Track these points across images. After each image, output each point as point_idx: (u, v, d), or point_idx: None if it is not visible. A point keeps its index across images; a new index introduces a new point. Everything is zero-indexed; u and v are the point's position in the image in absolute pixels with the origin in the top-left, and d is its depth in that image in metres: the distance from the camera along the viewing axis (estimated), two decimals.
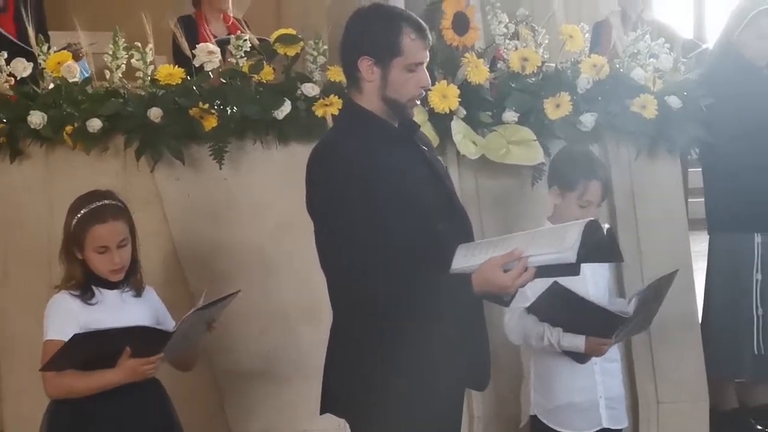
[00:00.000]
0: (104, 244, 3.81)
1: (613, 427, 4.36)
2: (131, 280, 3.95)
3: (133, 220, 3.96)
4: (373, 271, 3.30)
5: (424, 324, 3.35)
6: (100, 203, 3.85)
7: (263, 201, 4.97)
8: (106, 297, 3.87)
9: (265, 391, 5.00)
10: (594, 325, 4.07)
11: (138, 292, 3.97)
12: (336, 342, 3.59)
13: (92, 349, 3.68)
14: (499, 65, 5.17)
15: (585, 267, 3.36)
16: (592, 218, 3.35)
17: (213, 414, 4.96)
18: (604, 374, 4.34)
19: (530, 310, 4.10)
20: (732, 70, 5.49)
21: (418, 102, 3.60)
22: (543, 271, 3.29)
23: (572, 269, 3.26)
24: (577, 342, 4.12)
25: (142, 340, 3.70)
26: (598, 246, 3.29)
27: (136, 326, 3.71)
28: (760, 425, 5.74)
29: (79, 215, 3.83)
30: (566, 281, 3.61)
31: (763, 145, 5.34)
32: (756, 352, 5.50)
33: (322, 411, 3.64)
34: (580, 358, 4.18)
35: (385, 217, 3.33)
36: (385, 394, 3.41)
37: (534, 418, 4.40)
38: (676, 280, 4.84)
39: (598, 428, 4.32)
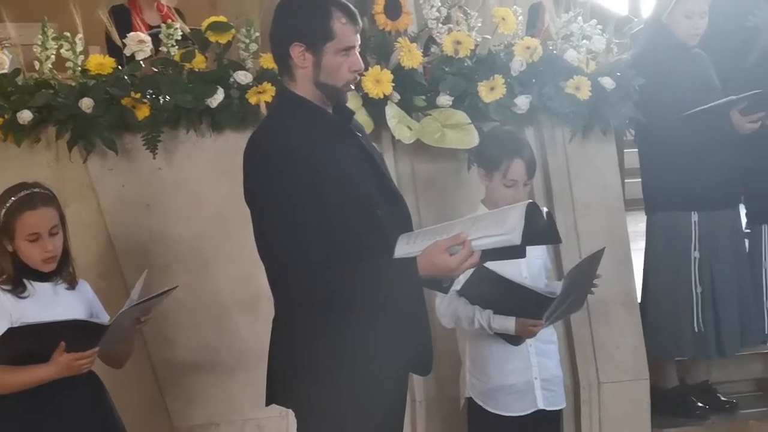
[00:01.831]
0: (36, 231, 3.76)
1: (549, 409, 4.38)
2: (63, 272, 3.90)
3: (63, 210, 3.92)
4: (315, 258, 3.28)
5: (367, 311, 3.34)
6: (29, 191, 3.82)
7: (198, 190, 4.94)
8: (39, 290, 3.82)
9: (207, 382, 4.96)
10: (523, 306, 4.08)
11: (71, 285, 3.92)
12: (279, 332, 3.57)
13: (27, 343, 3.62)
14: (432, 49, 5.16)
15: None
16: (530, 200, 3.35)
17: (154, 406, 4.92)
18: (540, 355, 4.36)
19: (461, 293, 4.09)
20: (663, 49, 5.53)
21: (353, 87, 3.59)
22: (488, 254, 3.30)
23: (518, 251, 3.26)
24: (507, 324, 4.13)
25: (78, 334, 3.65)
26: (539, 228, 3.30)
27: (71, 320, 3.66)
28: (701, 403, 5.79)
29: (8, 204, 3.79)
30: (499, 263, 3.60)
31: (696, 124, 5.38)
32: (696, 330, 5.55)
33: (268, 402, 3.64)
34: (514, 340, 4.19)
35: (325, 203, 3.32)
36: (329, 382, 3.41)
37: (470, 401, 4.42)
38: (613, 260, 4.85)
39: (534, 410, 4.34)
